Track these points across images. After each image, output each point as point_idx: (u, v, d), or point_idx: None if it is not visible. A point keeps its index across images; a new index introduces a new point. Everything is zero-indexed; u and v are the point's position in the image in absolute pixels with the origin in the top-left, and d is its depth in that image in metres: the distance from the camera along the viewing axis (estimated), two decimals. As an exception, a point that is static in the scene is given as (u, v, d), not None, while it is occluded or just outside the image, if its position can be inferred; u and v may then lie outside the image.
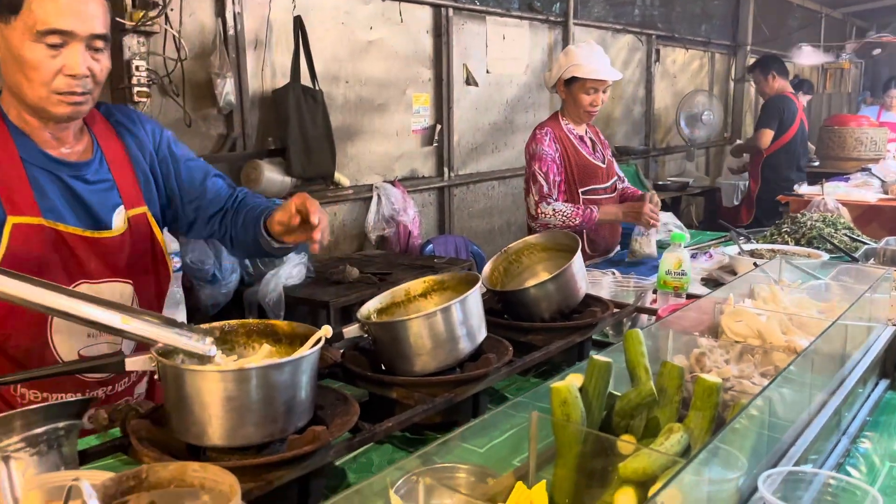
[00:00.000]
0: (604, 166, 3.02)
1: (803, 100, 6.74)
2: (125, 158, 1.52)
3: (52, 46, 1.28)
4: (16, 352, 1.41)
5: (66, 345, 1.44)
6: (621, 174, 3.16)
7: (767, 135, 5.40)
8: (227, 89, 3.39)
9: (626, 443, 0.98)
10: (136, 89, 3.01)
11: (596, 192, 2.97)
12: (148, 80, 3.05)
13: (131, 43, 3.00)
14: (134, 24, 2.95)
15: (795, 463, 1.10)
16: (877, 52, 10.01)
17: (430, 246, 4.35)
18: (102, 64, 1.37)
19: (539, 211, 2.82)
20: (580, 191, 2.93)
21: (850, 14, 10.96)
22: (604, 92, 2.89)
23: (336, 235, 4.21)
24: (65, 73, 1.30)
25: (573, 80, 2.87)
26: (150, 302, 1.58)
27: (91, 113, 1.47)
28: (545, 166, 2.84)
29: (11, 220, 1.33)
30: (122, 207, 1.49)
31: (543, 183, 2.83)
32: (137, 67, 3.00)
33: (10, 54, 1.30)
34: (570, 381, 1.00)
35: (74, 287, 1.40)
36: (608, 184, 3.03)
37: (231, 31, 3.50)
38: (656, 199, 2.88)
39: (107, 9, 1.37)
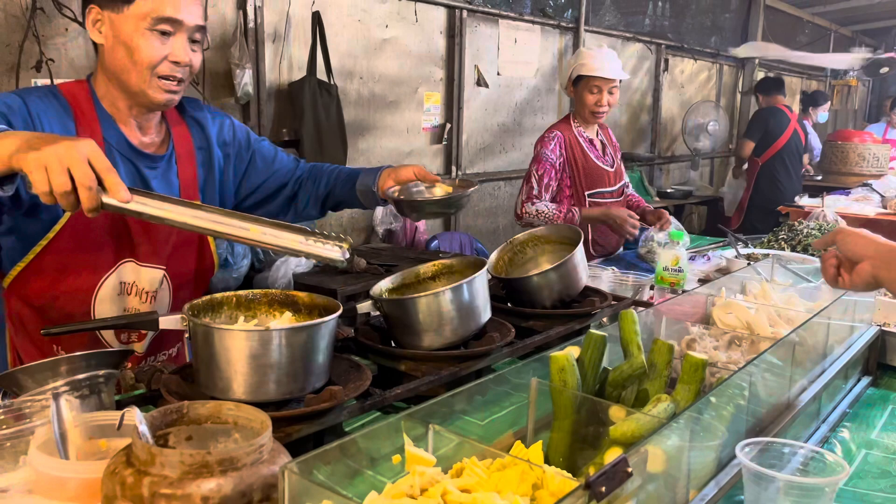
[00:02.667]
0: (612, 170, 3.09)
1: (817, 112, 6.84)
2: (191, 152, 1.64)
3: (163, 34, 1.41)
4: (58, 315, 1.50)
5: (105, 315, 1.53)
6: (626, 179, 3.25)
7: (747, 145, 5.72)
8: (245, 80, 3.49)
9: (617, 409, 1.07)
10: (158, 76, 3.10)
11: (603, 196, 3.05)
12: (170, 68, 3.14)
13: (156, 31, 3.09)
14: (159, 12, 3.04)
15: (773, 441, 1.19)
16: (884, 70, 10.08)
17: (436, 242, 4.45)
18: (197, 58, 1.49)
19: (523, 210, 2.94)
20: (586, 194, 3.02)
21: (858, 32, 11.05)
22: (610, 93, 2.96)
23: (344, 228, 4.30)
24: (170, 59, 1.43)
25: (579, 79, 2.98)
26: (189, 289, 1.70)
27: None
28: (542, 169, 2.95)
29: None
30: None
31: (535, 185, 2.95)
32: (161, 55, 3.09)
33: (118, 41, 1.41)
34: (569, 351, 1.09)
35: (120, 265, 1.53)
36: (615, 187, 3.10)
37: (251, 24, 3.60)
38: (666, 216, 2.97)
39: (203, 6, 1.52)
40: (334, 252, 1.24)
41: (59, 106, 1.45)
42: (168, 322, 1.22)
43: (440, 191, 1.73)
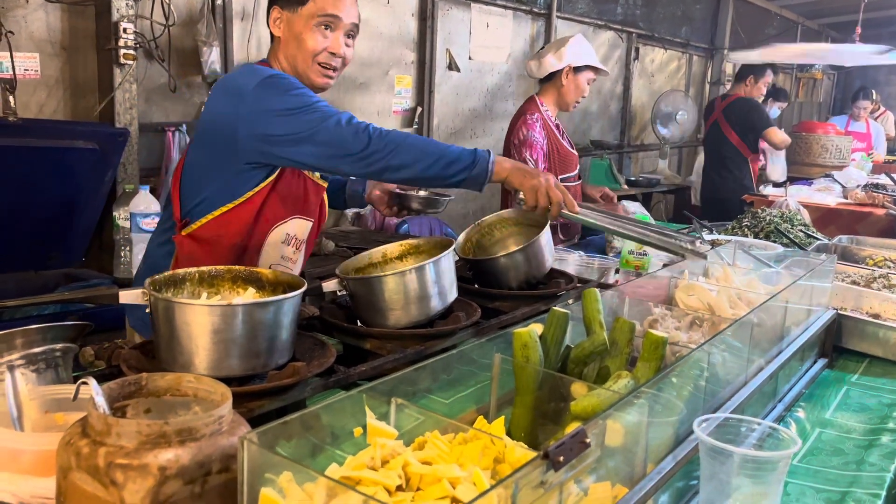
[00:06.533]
0: (575, 154, 3.13)
1: (776, 107, 6.92)
2: None
3: (326, 28, 1.73)
4: (231, 253, 1.75)
5: (268, 256, 1.78)
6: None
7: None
8: (212, 58, 3.43)
9: (579, 385, 1.08)
10: (122, 51, 3.04)
11: (568, 181, 3.08)
12: (135, 43, 3.08)
13: (120, 5, 3.02)
14: (124, -14, 2.98)
15: (730, 417, 1.22)
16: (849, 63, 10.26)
17: (406, 226, 4.43)
18: (350, 52, 1.81)
19: None
20: (558, 178, 3.04)
21: (825, 25, 11.22)
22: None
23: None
24: (329, 50, 1.75)
25: (581, 68, 2.98)
26: (314, 238, 1.98)
27: None
28: (535, 153, 2.93)
29: None
30: None
31: None
32: (125, 30, 3.03)
33: (292, 35, 1.74)
34: (532, 328, 1.10)
35: (290, 219, 1.80)
36: (575, 172, 3.15)
37: (219, 1, 3.53)
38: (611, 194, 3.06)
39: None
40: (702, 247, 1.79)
41: None
42: (129, 297, 1.20)
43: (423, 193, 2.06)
